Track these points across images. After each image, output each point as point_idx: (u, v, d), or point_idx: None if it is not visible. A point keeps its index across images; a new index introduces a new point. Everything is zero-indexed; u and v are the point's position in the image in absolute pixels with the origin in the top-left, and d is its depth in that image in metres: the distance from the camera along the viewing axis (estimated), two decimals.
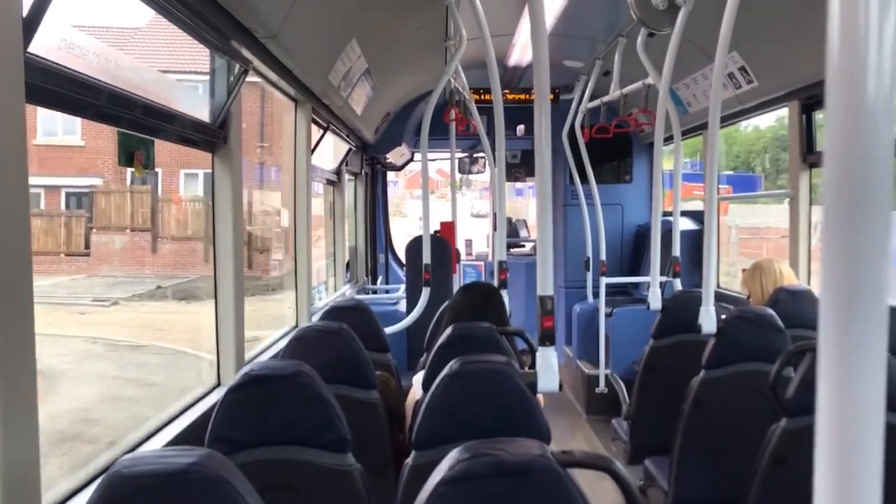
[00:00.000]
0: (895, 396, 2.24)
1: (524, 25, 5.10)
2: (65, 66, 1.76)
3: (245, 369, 1.96)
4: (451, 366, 1.96)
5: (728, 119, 4.78)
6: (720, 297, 4.82)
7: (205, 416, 2.35)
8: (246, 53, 2.83)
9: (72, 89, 1.81)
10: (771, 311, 2.98)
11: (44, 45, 1.59)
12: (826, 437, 0.54)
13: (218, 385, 2.98)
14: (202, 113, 2.75)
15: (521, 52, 5.94)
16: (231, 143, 2.93)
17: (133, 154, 2.08)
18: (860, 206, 0.53)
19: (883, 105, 0.52)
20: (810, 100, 4.02)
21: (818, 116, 4.07)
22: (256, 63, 2.99)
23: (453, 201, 5.83)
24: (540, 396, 2.42)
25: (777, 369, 2.56)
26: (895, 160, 0.54)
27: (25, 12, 1.48)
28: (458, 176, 6.29)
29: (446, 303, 3.32)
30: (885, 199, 0.53)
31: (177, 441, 2.35)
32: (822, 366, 0.54)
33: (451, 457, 1.32)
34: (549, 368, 2.13)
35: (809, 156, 4.15)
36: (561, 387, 2.16)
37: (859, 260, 0.53)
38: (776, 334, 2.91)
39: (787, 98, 4.16)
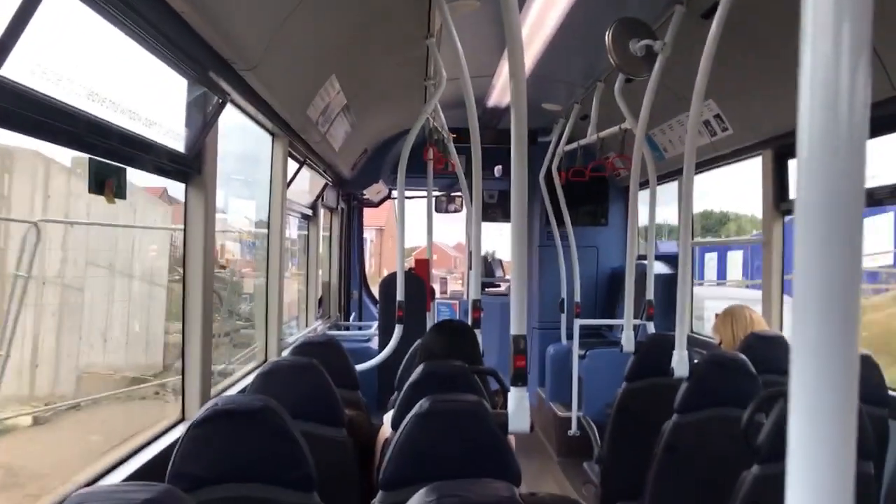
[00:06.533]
0: (865, 444, 2.25)
1: (504, 67, 5.16)
2: (38, 91, 1.73)
3: (210, 403, 1.91)
4: (420, 404, 1.94)
5: (703, 165, 4.84)
6: (692, 342, 4.83)
7: (167, 451, 2.29)
8: (224, 85, 2.82)
9: (45, 115, 1.78)
10: (743, 357, 2.98)
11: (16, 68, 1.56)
12: (797, 485, 0.53)
13: (182, 419, 2.91)
14: (177, 143, 2.73)
15: (501, 93, 6.01)
16: (205, 173, 2.91)
17: (104, 182, 2.05)
18: (832, 253, 0.52)
19: (856, 154, 0.52)
20: (783, 149, 4.09)
21: (792, 165, 4.14)
22: (234, 95, 2.99)
23: (429, 236, 5.82)
24: (511, 437, 2.39)
25: (749, 415, 2.55)
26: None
27: None
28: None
29: (419, 340, 3.29)
30: (856, 247, 0.52)
31: (137, 476, 2.28)
32: (793, 412, 0.53)
33: (417, 498, 1.29)
34: (521, 409, 2.11)
35: (783, 203, 4.21)
36: (532, 428, 2.13)
37: (831, 305, 0.53)
38: (748, 379, 2.90)
39: (760, 146, 4.22)
